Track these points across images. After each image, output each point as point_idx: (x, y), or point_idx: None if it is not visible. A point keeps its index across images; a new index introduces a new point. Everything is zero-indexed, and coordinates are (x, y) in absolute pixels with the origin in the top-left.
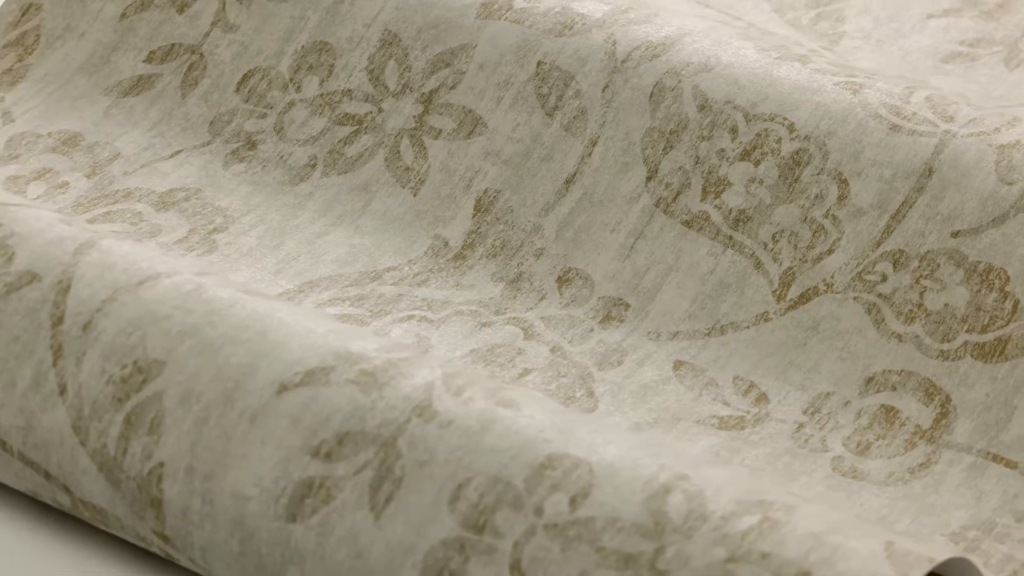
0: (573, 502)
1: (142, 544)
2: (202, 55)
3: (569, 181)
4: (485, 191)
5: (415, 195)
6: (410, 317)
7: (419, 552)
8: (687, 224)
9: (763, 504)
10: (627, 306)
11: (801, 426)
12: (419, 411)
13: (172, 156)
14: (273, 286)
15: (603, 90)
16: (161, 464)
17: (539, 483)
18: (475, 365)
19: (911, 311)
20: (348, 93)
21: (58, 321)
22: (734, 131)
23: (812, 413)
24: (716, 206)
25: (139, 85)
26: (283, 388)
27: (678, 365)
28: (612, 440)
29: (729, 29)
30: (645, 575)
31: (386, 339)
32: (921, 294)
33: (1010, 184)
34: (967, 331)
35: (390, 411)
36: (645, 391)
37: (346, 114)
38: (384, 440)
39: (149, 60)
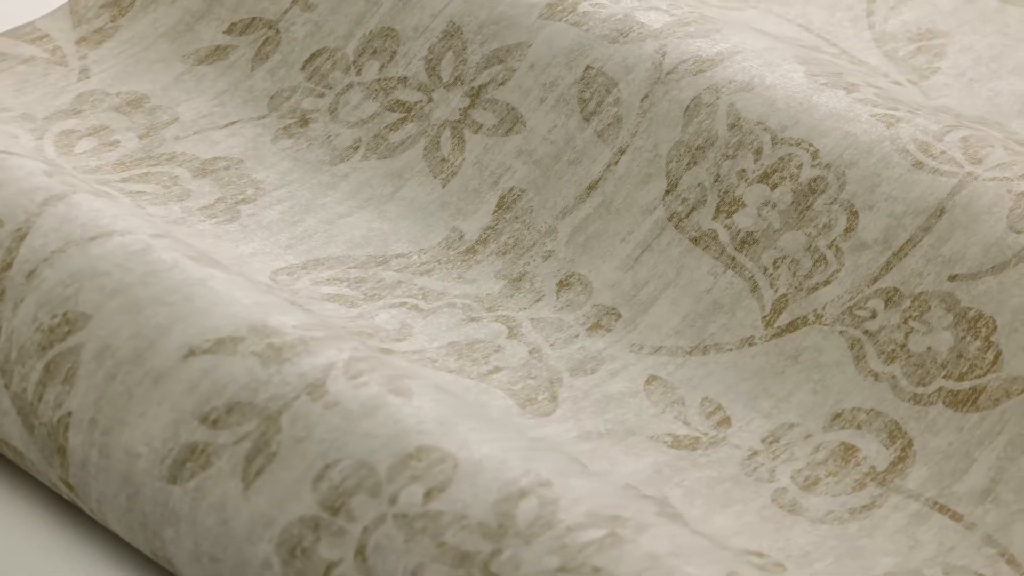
0: (428, 495)
1: (55, 489)
2: (278, 31)
3: (592, 187)
4: (511, 189)
5: (444, 186)
6: (402, 304)
7: (277, 527)
8: (694, 241)
9: (615, 519)
10: (618, 316)
11: (755, 454)
12: (310, 389)
13: (226, 126)
14: (278, 260)
15: (642, 100)
16: (69, 413)
17: (401, 472)
18: (448, 357)
19: (893, 351)
20: (403, 80)
21: (7, 267)
22: (758, 152)
23: (770, 442)
24: (726, 226)
25: (214, 55)
26: (191, 353)
27: (651, 380)
28: (491, 439)
29: (790, 51)
30: (476, 575)
31: (314, 316)
32: (907, 335)
33: (1018, 233)
34: (944, 377)
35: (283, 386)
36: (608, 402)
37: (398, 101)
38: (269, 414)
39: (229, 31)
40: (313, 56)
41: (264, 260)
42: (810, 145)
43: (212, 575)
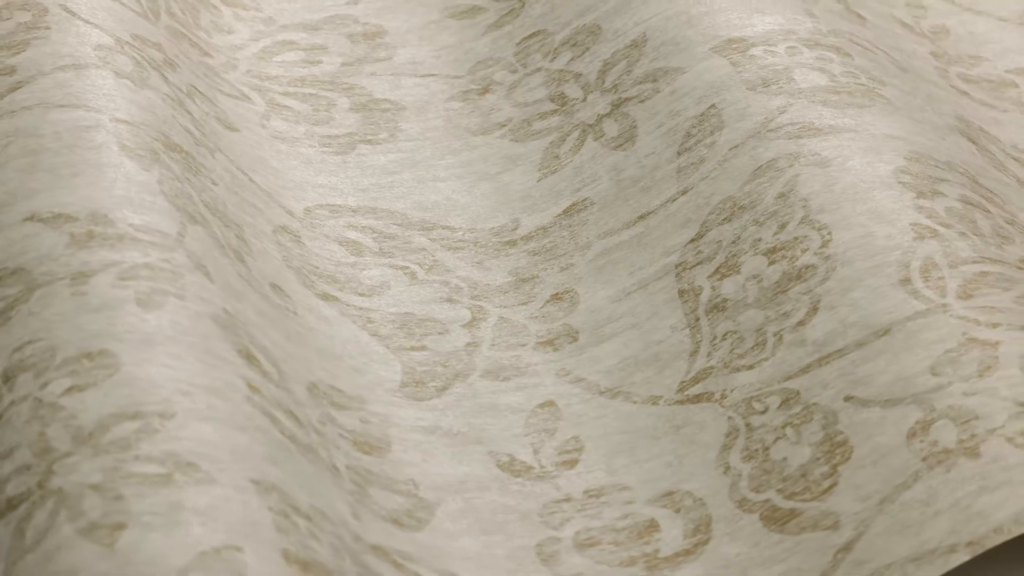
0: (69, 390)
1: None
2: (524, 4)
3: (642, 217)
4: (584, 199)
5: (539, 181)
6: (403, 268)
7: None
8: (680, 293)
9: (188, 467)
10: (575, 340)
11: (566, 500)
12: (75, 276)
13: (423, 76)
14: (338, 198)
15: (731, 148)
16: None
17: (69, 365)
18: (388, 324)
19: (756, 451)
20: (577, 77)
21: None
22: (783, 227)
23: (590, 496)
24: (713, 287)
25: (467, 13)
26: (30, 218)
27: (546, 404)
28: (176, 368)
29: (918, 146)
30: (41, 468)
31: (193, 231)
32: (776, 440)
33: (935, 375)
34: (778, 491)
35: (62, 267)
36: (489, 409)
37: (561, 94)
38: (33, 285)
39: None
40: (531, 35)
41: (323, 193)
42: (829, 233)
43: None
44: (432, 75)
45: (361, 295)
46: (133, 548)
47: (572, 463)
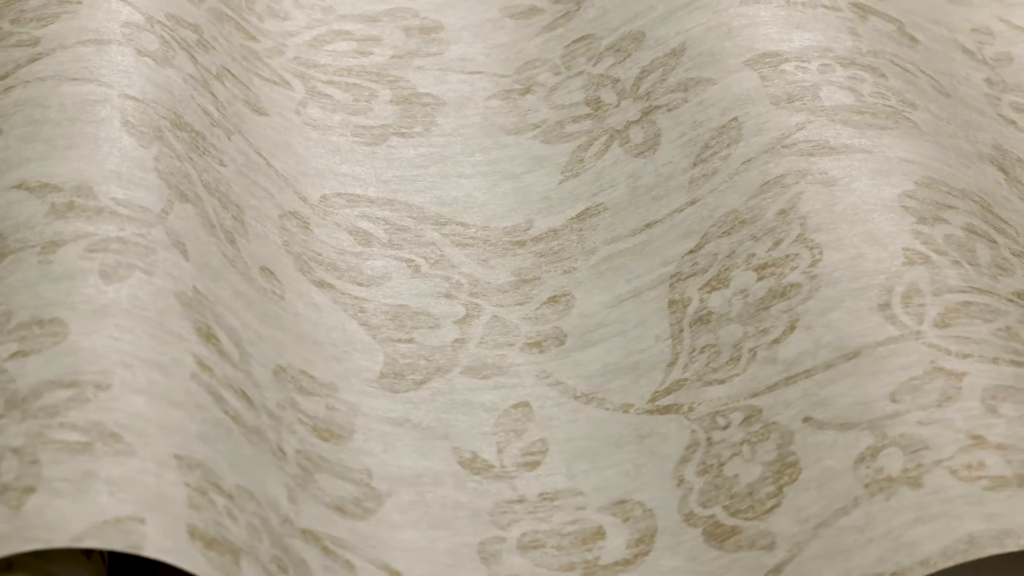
0: (14, 355)
1: None
2: (579, 7)
3: (648, 226)
4: (598, 204)
5: (560, 183)
6: (408, 260)
7: None
8: (671, 303)
9: (111, 437)
10: (562, 343)
11: (519, 501)
12: (46, 244)
13: (469, 73)
14: (357, 188)
15: (744, 162)
16: None
17: (19, 331)
18: (380, 315)
19: (711, 465)
20: (615, 82)
21: (2, 76)
22: (777, 243)
23: (544, 499)
24: (701, 299)
25: (525, 14)
26: (18, 186)
27: (520, 405)
28: (124, 340)
29: (932, 171)
30: None
31: (181, 211)
32: (732, 456)
33: (894, 402)
34: (723, 507)
35: (36, 236)
36: (463, 406)
37: (597, 98)
38: (6, 251)
39: None
40: (580, 39)
41: (343, 182)
42: (820, 252)
43: None
44: (479, 72)
45: (359, 284)
46: (37, 512)
47: (534, 465)
